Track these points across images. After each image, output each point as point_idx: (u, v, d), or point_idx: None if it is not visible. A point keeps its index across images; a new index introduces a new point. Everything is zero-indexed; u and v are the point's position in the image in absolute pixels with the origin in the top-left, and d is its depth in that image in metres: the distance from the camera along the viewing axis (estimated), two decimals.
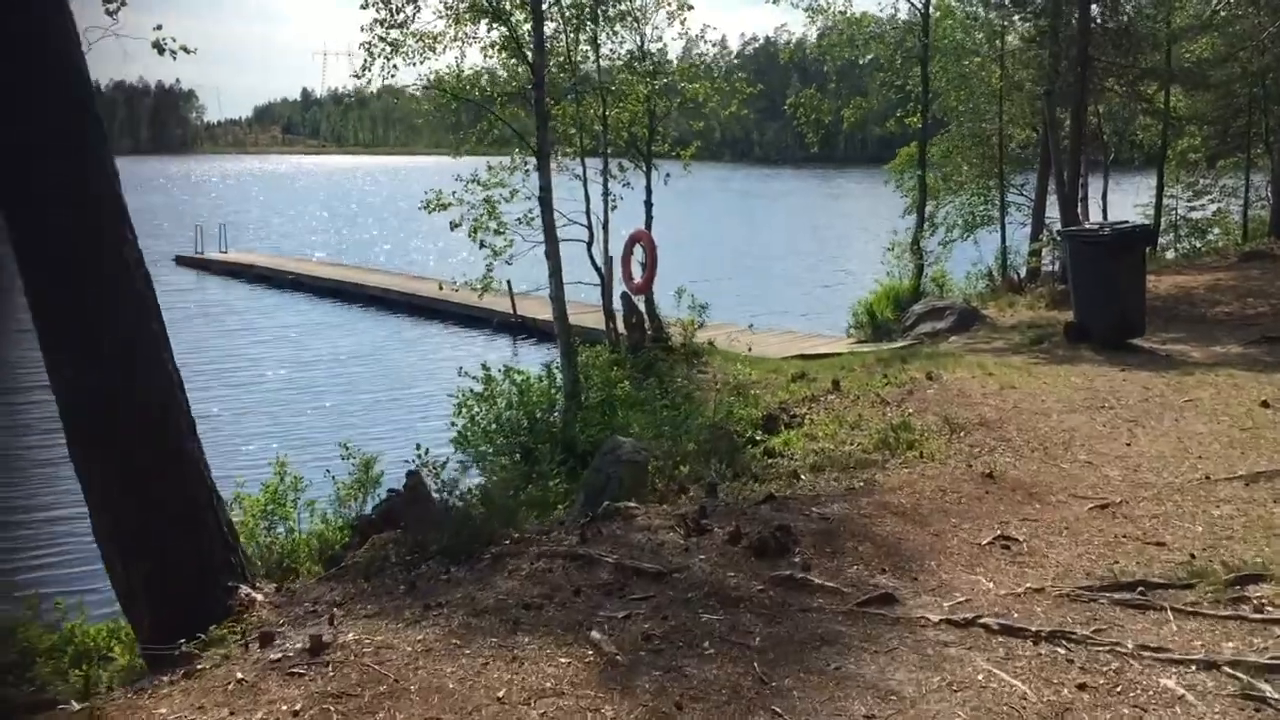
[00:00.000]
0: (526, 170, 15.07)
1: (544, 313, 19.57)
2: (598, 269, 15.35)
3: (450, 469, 9.46)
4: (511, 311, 21.50)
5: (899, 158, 24.00)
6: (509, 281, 22.92)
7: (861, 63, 21.76)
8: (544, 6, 12.60)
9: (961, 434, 8.95)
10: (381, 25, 11.85)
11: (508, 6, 12.83)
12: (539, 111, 12.35)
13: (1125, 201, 27.39)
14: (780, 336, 18.76)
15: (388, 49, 11.93)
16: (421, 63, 12.91)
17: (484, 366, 11.30)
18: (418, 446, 9.60)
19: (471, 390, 11.20)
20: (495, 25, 12.92)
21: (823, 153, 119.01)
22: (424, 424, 15.18)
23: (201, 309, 27.72)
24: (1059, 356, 12.90)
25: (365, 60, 11.67)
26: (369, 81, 11.97)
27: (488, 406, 10.99)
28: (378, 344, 23.22)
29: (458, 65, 13.44)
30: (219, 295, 30.87)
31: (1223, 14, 25.40)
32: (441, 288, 16.64)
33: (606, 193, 15.43)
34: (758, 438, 9.63)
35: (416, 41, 12.80)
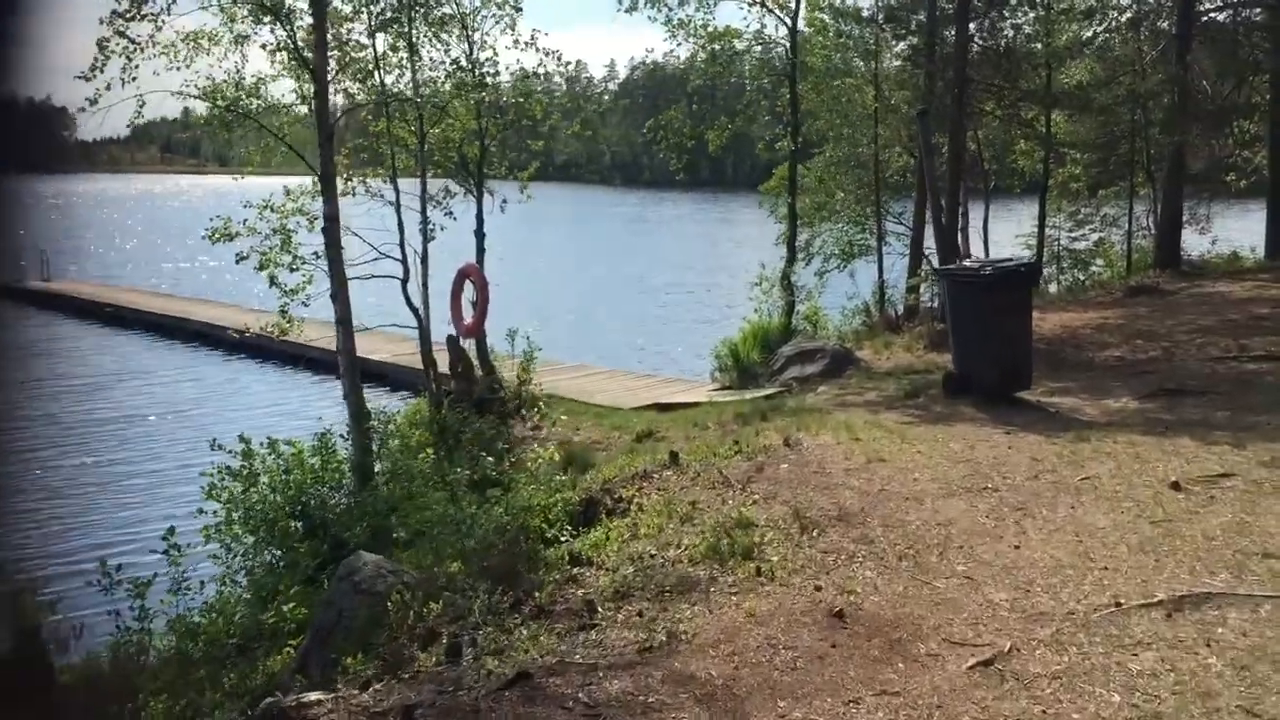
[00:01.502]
0: (352, 193, 12.96)
1: (392, 352, 17.43)
2: (414, 309, 13.28)
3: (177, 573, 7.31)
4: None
5: (772, 180, 22.38)
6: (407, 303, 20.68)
7: (727, 83, 20.09)
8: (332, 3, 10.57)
9: (814, 534, 7.13)
10: (122, 18, 9.57)
11: (289, 3, 10.71)
12: (321, 125, 10.29)
13: (1007, 231, 26.33)
14: (638, 381, 16.91)
15: (129, 46, 9.60)
16: (188, 65, 10.69)
17: (241, 438, 9.11)
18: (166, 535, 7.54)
19: (227, 467, 9.01)
20: (275, 25, 10.76)
21: (713, 176, 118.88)
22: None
23: None
24: (936, 414, 11.25)
25: (96, 60, 9.33)
26: (107, 87, 9.62)
27: (244, 486, 8.83)
28: (171, 394, 19.90)
29: (237, 72, 11.23)
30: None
31: (1103, 37, 24.56)
32: (244, 332, 14.04)
33: (425, 222, 13.38)
34: (567, 536, 7.69)
35: (184, 41, 10.60)
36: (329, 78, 10.76)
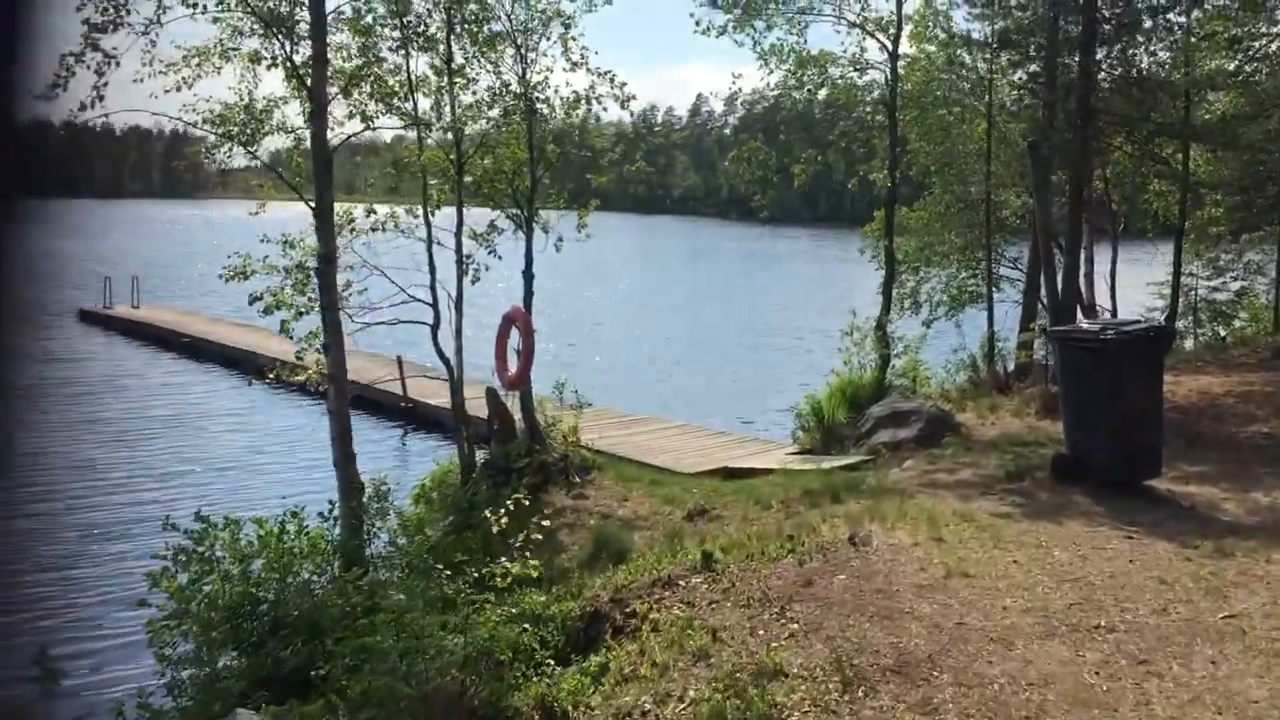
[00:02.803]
0: (380, 227, 11.69)
1: (440, 395, 16.05)
2: (445, 359, 11.87)
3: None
4: (402, 394, 17.91)
5: (875, 220, 20.45)
6: (399, 358, 19.51)
7: (819, 113, 18.31)
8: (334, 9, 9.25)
9: (859, 692, 5.41)
10: (97, 30, 8.38)
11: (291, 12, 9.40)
12: (316, 151, 8.99)
13: (1138, 277, 23.85)
14: (710, 440, 15.23)
15: (103, 61, 8.38)
16: (190, 86, 9.49)
17: (198, 515, 7.75)
18: None
19: (180, 549, 7.64)
20: (269, 37, 9.44)
21: (831, 212, 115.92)
22: None
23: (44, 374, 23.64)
24: (1041, 505, 9.35)
25: (59, 75, 8.11)
26: (82, 107, 8.44)
27: (200, 572, 7.45)
28: (220, 443, 18.60)
29: (247, 94, 9.99)
30: (86, 356, 27.09)
31: (1248, 68, 22.07)
32: (259, 378, 12.75)
33: (461, 260, 11.96)
34: (549, 666, 6.11)
35: (189, 60, 9.42)
36: (330, 98, 9.46)
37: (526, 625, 6.72)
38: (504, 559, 6.16)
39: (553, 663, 6.11)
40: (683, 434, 15.68)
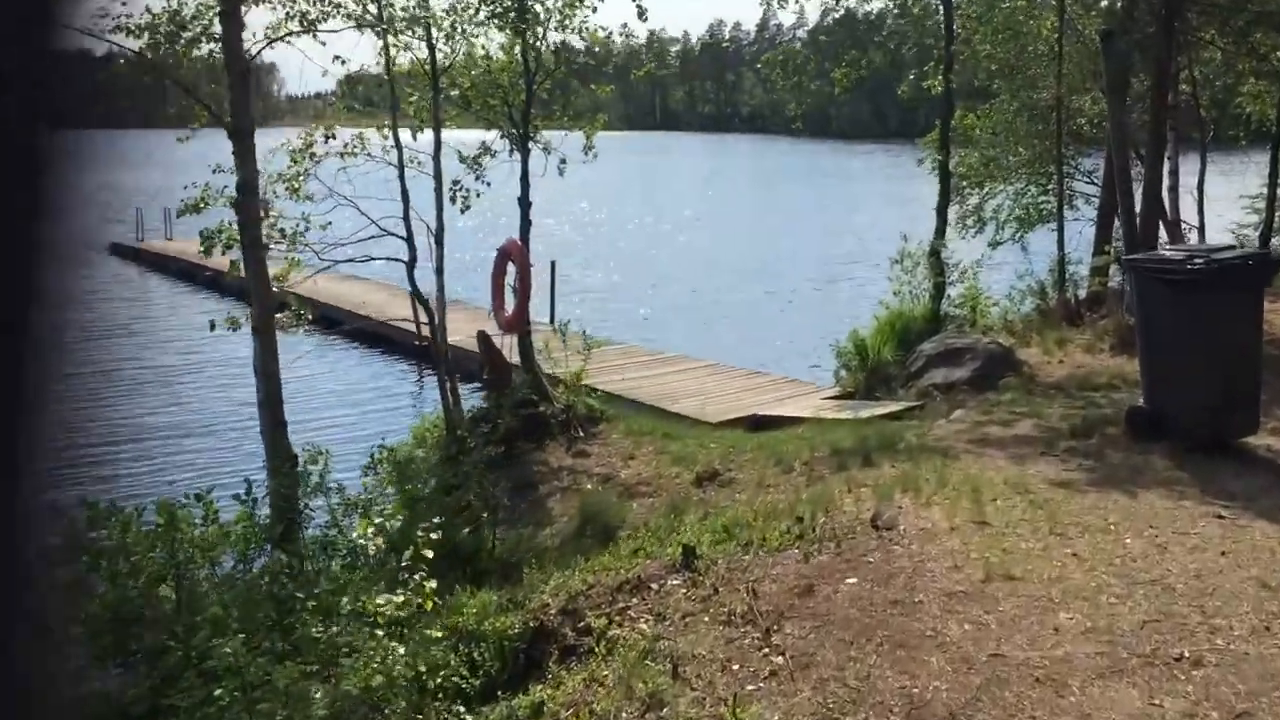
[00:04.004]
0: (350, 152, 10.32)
1: (461, 333, 14.64)
2: (422, 300, 10.52)
3: None
4: (416, 333, 16.47)
5: (935, 131, 18.42)
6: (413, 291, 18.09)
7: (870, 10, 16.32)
8: None
9: None
10: None
11: None
12: (231, 61, 7.58)
13: (1228, 191, 21.61)
14: (742, 381, 13.72)
15: None
16: None
17: (86, 503, 6.52)
18: None
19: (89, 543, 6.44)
20: None
21: (903, 126, 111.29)
22: None
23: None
24: (1112, 470, 7.78)
25: None
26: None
27: (86, 567, 6.28)
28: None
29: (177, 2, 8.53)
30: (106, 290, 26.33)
31: None
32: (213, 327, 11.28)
33: (440, 186, 10.51)
34: (458, 715, 4.79)
35: None
36: None
37: (458, 646, 5.41)
38: (388, 595, 4.79)
39: (463, 710, 4.79)
40: (713, 375, 14.21)
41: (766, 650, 4.94)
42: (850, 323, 15.80)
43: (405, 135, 10.86)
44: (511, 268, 11.09)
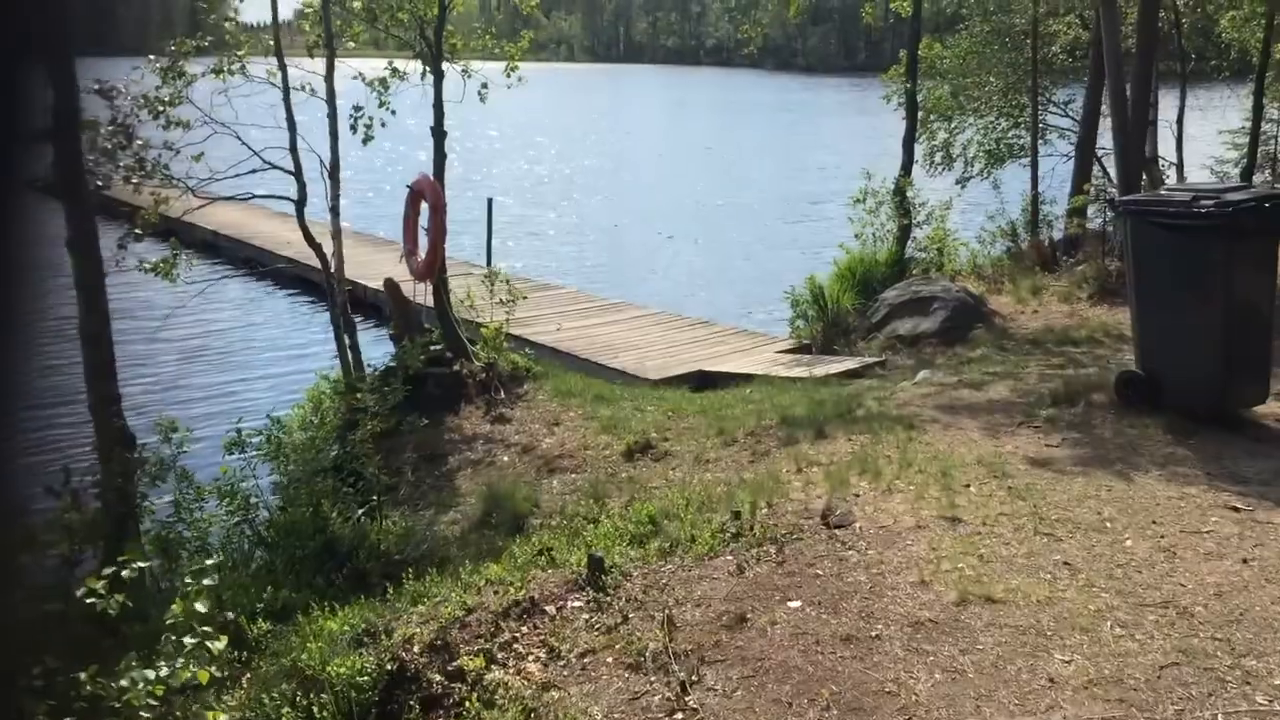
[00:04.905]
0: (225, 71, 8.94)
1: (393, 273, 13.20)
2: (315, 245, 9.21)
3: None
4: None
5: (901, 63, 17.10)
6: (335, 231, 16.64)
7: None
8: None
9: None
10: None
11: None
12: None
13: (1206, 127, 20.52)
14: (687, 334, 12.49)
15: None
16: None
17: None
18: None
19: None
20: None
21: (871, 60, 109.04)
22: None
23: None
24: (1103, 447, 6.68)
25: None
26: None
27: None
28: None
29: None
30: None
31: None
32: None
33: (333, 111, 9.13)
34: None
35: None
36: None
37: (295, 698, 4.23)
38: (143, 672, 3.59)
39: None
40: (657, 325, 12.99)
41: (680, 716, 3.80)
42: (812, 266, 14.60)
43: (303, 60, 9.52)
44: (426, 208, 9.76)
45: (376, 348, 11.30)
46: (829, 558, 5.09)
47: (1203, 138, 20.85)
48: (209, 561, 3.96)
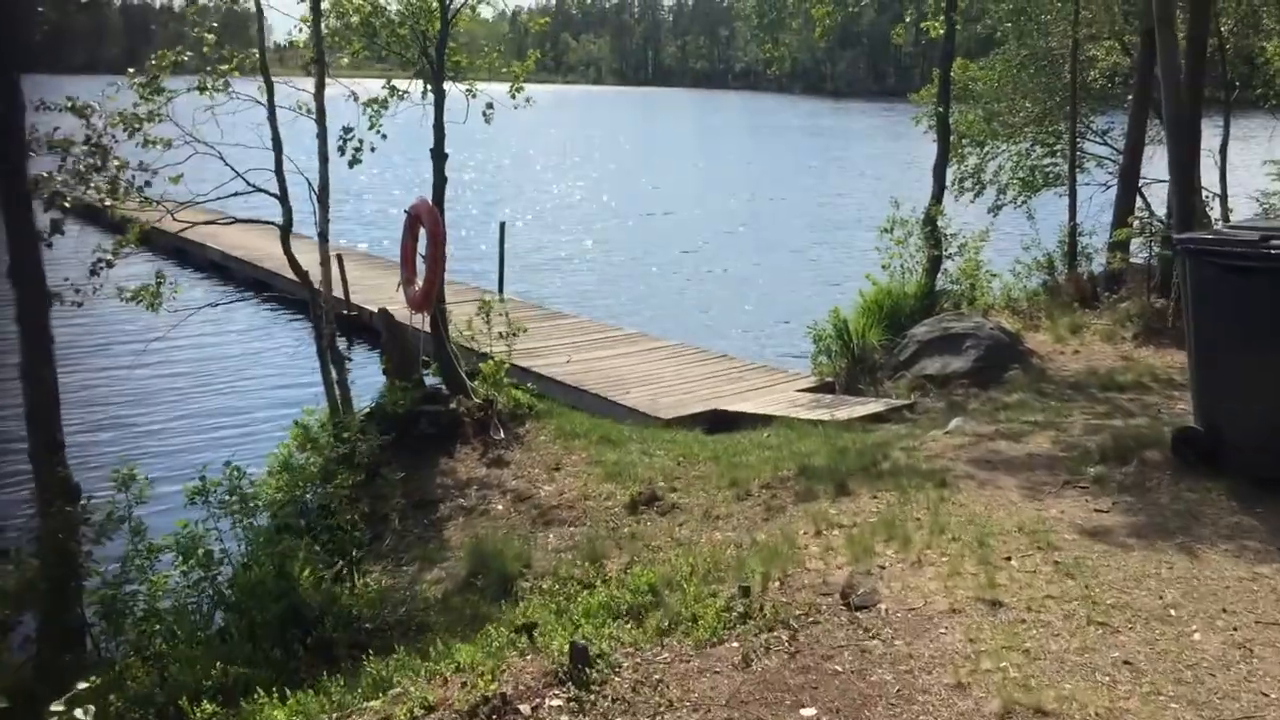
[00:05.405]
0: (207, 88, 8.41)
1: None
2: (303, 273, 8.63)
3: None
4: (345, 299, 14.41)
5: (932, 84, 16.42)
6: (338, 254, 16.07)
7: None
8: None
9: None
10: None
11: None
12: None
13: (1250, 156, 19.72)
14: (703, 368, 11.81)
15: None
16: None
17: None
18: None
19: None
20: None
21: (900, 84, 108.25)
22: None
23: None
24: (1161, 515, 5.98)
25: None
26: None
27: None
28: None
29: None
30: None
31: None
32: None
33: (323, 133, 8.56)
34: None
35: None
36: None
37: None
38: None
39: None
40: (673, 358, 12.34)
41: None
42: (836, 298, 13.91)
43: (302, 80, 9.00)
44: (424, 234, 9.17)
45: (380, 376, 10.67)
46: (850, 648, 4.42)
47: (1244, 166, 20.01)
48: (82, 685, 3.27)
